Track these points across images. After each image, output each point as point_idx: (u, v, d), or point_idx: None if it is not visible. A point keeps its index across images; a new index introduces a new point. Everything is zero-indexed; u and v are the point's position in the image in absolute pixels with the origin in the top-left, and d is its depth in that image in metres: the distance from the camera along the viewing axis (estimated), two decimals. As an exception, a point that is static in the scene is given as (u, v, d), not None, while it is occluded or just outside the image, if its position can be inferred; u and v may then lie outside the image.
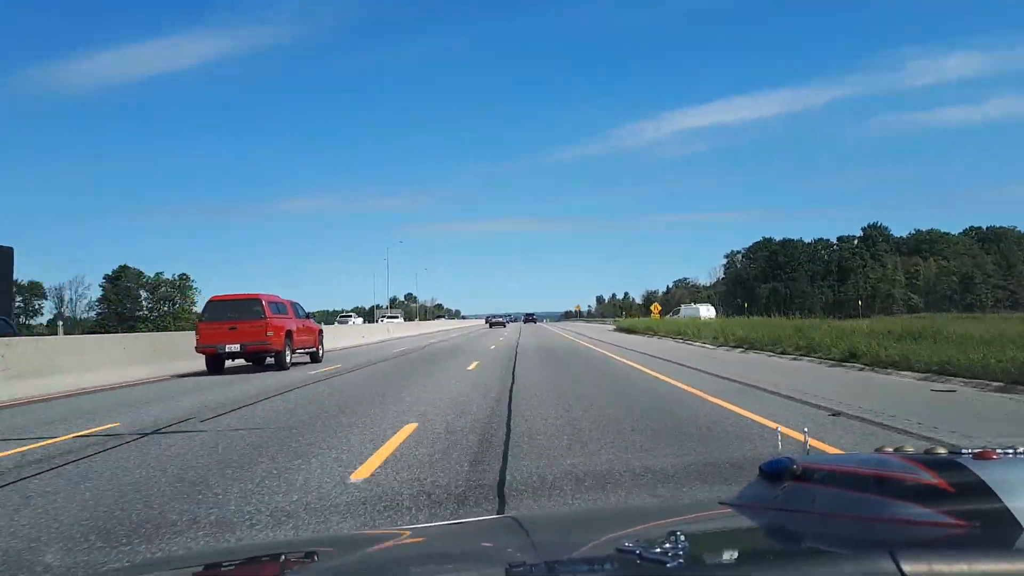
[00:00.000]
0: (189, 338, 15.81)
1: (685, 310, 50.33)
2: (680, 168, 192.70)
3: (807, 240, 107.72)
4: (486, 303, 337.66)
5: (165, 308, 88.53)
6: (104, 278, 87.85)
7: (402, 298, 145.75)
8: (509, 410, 7.59)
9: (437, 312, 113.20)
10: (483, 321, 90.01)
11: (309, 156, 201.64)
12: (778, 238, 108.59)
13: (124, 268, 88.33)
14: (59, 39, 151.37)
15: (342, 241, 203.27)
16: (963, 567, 0.74)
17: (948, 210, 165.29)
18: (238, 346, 14.48)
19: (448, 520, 3.03)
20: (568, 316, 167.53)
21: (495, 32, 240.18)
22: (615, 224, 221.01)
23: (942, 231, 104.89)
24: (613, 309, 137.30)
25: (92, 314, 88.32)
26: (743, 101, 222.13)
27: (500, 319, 76.70)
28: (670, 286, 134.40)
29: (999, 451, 1.02)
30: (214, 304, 15.24)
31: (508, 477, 4.37)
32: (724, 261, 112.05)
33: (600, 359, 16.22)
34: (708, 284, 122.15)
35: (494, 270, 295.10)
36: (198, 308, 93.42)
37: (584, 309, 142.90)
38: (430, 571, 1.05)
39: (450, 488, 4.05)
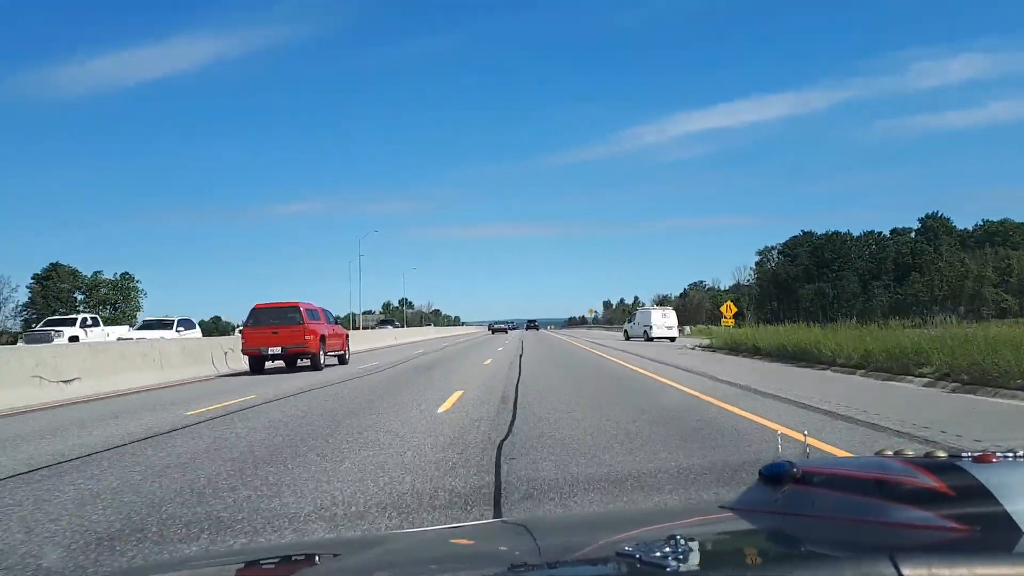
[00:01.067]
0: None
1: (640, 315, 41.16)
2: (684, 171, 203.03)
3: (855, 233, 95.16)
4: (487, 309, 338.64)
5: (105, 313, 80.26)
6: (32, 278, 78.13)
7: (395, 303, 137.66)
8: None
9: (380, 317, 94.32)
10: (480, 328, 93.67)
11: (304, 159, 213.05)
12: (819, 231, 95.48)
13: (56, 266, 78.97)
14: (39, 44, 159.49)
15: (336, 245, 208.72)
16: (963, 571, 0.82)
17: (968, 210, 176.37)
18: (279, 349, 17.28)
19: (452, 524, 3.61)
20: (572, 323, 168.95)
21: (497, 34, 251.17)
22: (620, 228, 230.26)
23: (1016, 221, 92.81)
24: (623, 315, 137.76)
25: (18, 320, 76.97)
26: (745, 104, 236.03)
27: (502, 325, 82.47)
28: (687, 288, 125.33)
29: (999, 454, 1.12)
30: (257, 311, 18.03)
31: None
32: (756, 258, 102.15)
33: None
34: (731, 286, 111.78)
35: (495, 275, 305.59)
36: (145, 314, 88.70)
37: (590, 316, 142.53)
38: (432, 571, 1.21)
39: None
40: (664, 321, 38.39)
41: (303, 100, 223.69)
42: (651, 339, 36.69)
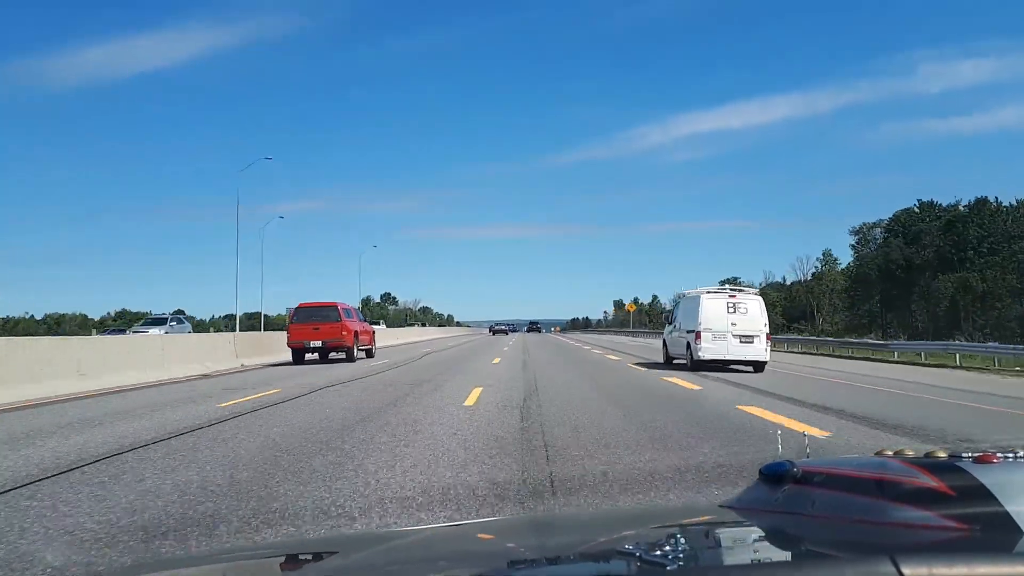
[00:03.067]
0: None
1: (682, 311, 19.78)
2: (689, 173, 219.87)
3: (1006, 203, 69.28)
4: (488, 310, 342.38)
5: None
6: None
7: (377, 299, 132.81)
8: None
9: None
10: (472, 331, 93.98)
11: (300, 159, 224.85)
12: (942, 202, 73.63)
13: None
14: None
15: (334, 245, 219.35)
16: (963, 570, 0.93)
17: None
18: (320, 343, 20.81)
19: (455, 521, 4.14)
20: (575, 325, 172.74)
21: (499, 32, 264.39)
22: (626, 229, 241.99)
23: None
24: (638, 317, 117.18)
25: None
26: (751, 106, 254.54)
27: (503, 327, 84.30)
28: (723, 281, 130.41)
29: (999, 455, 1.24)
30: (301, 310, 22.09)
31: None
32: (852, 240, 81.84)
33: None
34: (766, 284, 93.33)
35: (496, 276, 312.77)
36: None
37: (596, 317, 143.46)
38: (433, 567, 1.37)
39: None
40: (732, 322, 18.31)
41: (297, 98, 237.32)
42: (700, 361, 17.78)
